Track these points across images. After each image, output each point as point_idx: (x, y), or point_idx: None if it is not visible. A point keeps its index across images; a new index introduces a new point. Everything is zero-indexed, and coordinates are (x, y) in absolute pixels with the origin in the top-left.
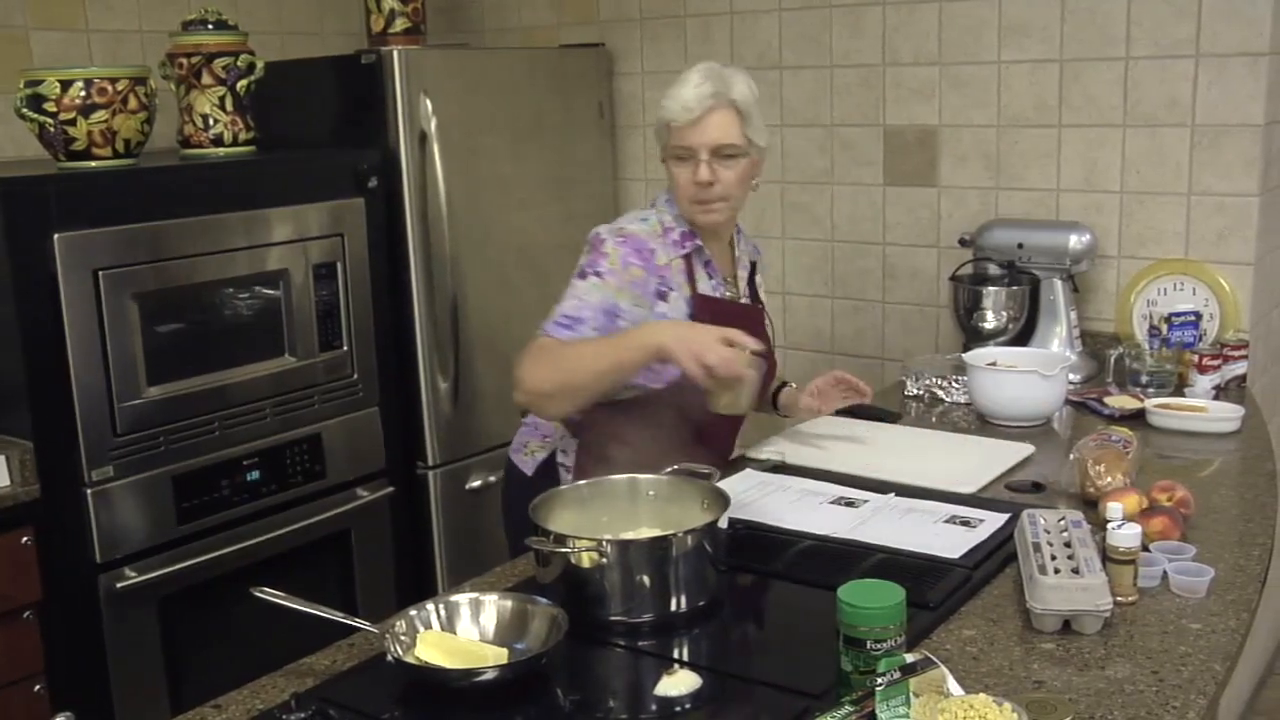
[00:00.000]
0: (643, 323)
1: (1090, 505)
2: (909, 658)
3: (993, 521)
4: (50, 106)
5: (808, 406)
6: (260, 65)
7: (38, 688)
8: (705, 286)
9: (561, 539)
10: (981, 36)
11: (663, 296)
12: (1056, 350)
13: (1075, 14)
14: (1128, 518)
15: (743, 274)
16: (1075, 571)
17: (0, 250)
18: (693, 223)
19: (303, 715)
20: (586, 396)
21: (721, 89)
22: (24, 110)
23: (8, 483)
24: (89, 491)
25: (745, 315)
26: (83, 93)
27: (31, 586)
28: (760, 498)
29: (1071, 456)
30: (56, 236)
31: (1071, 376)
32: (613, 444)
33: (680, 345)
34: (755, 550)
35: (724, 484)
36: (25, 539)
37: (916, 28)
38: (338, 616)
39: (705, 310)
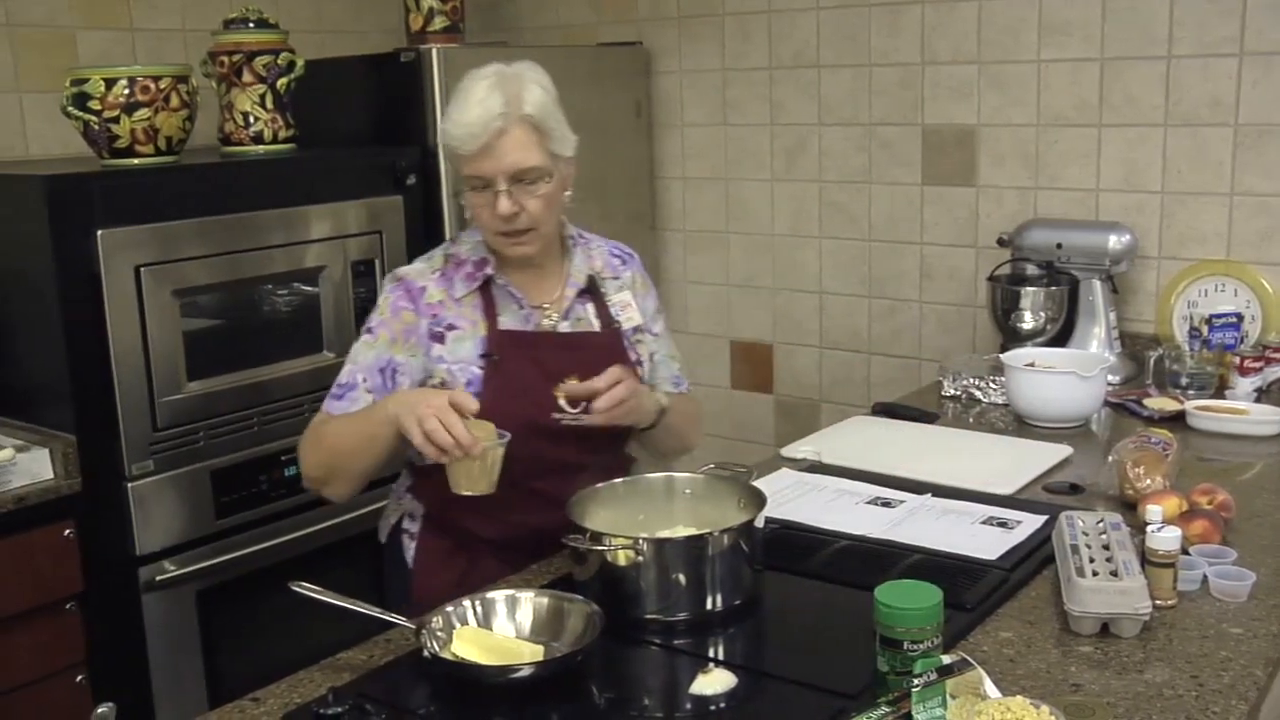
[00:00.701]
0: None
1: (1129, 508)
2: (946, 659)
3: (1030, 523)
4: (95, 104)
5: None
6: (300, 63)
7: (79, 678)
8: (511, 319)
9: (598, 537)
10: (1021, 35)
11: (439, 338)
12: (1095, 351)
13: (1116, 12)
14: (1167, 520)
15: (570, 293)
16: (1114, 574)
17: (45, 246)
18: (501, 255)
19: (340, 710)
20: (359, 474)
21: (511, 104)
22: (69, 108)
23: (50, 476)
24: (129, 485)
25: (566, 346)
26: (126, 91)
27: (73, 578)
28: (796, 497)
29: (1110, 458)
30: (99, 233)
31: (1110, 378)
32: (452, 509)
33: (407, 414)
34: (791, 550)
35: (760, 483)
36: (67, 531)
37: (955, 27)
38: (375, 612)
39: (505, 346)
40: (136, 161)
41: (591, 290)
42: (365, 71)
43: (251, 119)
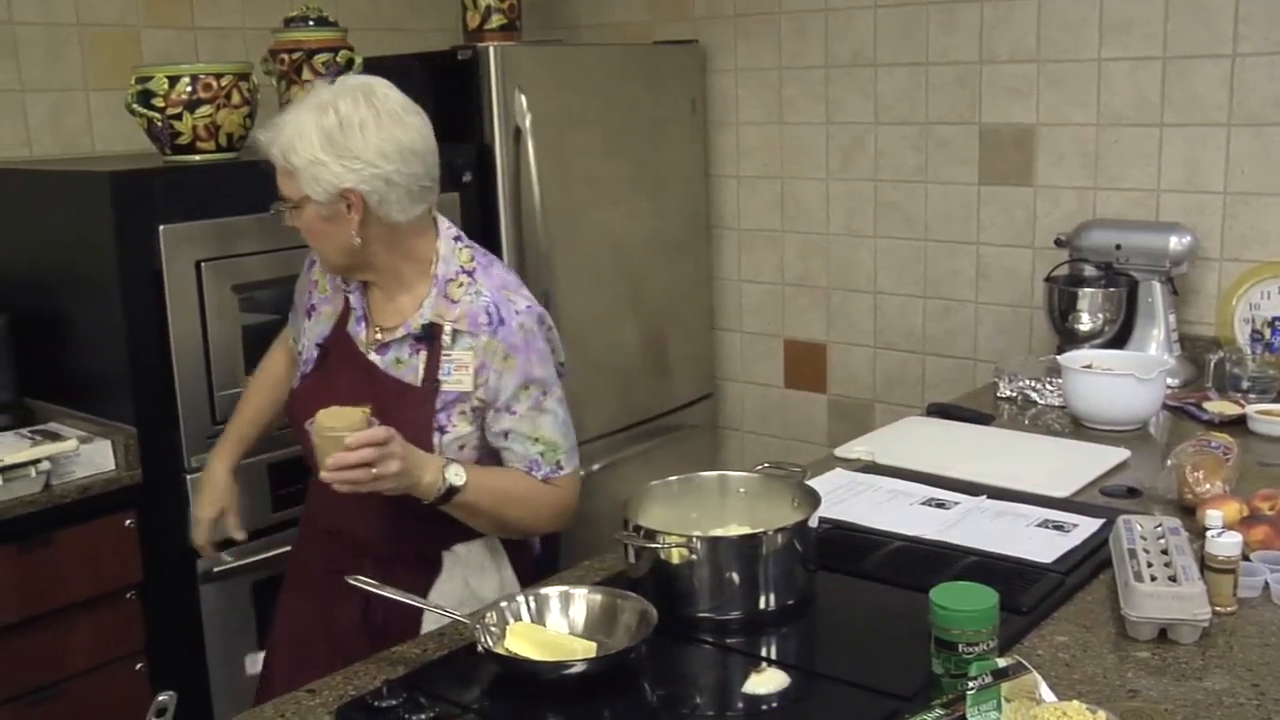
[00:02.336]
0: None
1: (1188, 512)
2: (1001, 662)
3: (1087, 526)
4: (158, 102)
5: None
6: (359, 61)
7: (139, 666)
8: (353, 325)
9: (651, 534)
10: (1081, 33)
11: (309, 314)
12: (1154, 354)
13: (1180, 10)
14: (1227, 526)
15: (401, 333)
16: (1172, 579)
17: (108, 241)
18: None
19: (394, 702)
20: None
21: (268, 138)
22: (134, 105)
23: (112, 467)
24: (188, 477)
25: (369, 379)
26: (189, 88)
27: (133, 568)
28: (850, 497)
29: (1169, 462)
30: (161, 228)
31: (1169, 380)
32: (323, 519)
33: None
34: (844, 550)
35: (813, 483)
36: (128, 521)
37: (1014, 25)
38: (429, 606)
39: (338, 346)
40: (198, 158)
41: (430, 339)
42: (422, 69)
43: None
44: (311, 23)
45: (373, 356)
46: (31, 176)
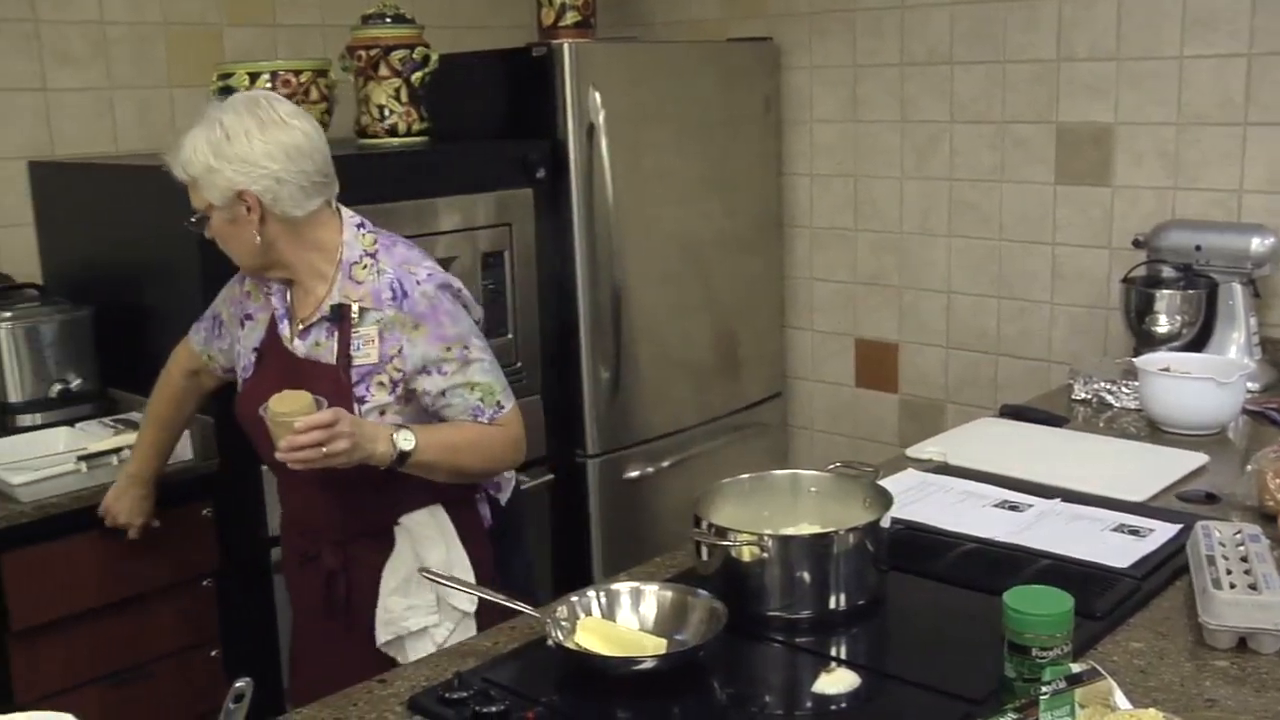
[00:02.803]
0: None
1: (1268, 519)
2: (1075, 667)
3: (1163, 532)
4: None
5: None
6: (434, 58)
7: (214, 652)
8: (281, 330)
9: (722, 532)
10: (1162, 30)
11: (243, 323)
12: (1234, 357)
13: (1266, 4)
14: None
15: (316, 317)
16: (1253, 587)
17: (189, 235)
18: None
19: (465, 694)
20: None
21: (169, 158)
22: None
23: (190, 456)
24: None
25: (293, 368)
26: (268, 84)
27: (210, 556)
28: (921, 498)
29: (1249, 468)
30: None
31: (1249, 385)
32: (286, 512)
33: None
34: (916, 551)
35: (885, 483)
36: (205, 510)
37: (1094, 22)
38: (501, 599)
39: (269, 348)
40: None
41: (340, 319)
42: (497, 66)
43: (387, 112)
44: (389, 20)
45: (295, 344)
46: (115, 171)
